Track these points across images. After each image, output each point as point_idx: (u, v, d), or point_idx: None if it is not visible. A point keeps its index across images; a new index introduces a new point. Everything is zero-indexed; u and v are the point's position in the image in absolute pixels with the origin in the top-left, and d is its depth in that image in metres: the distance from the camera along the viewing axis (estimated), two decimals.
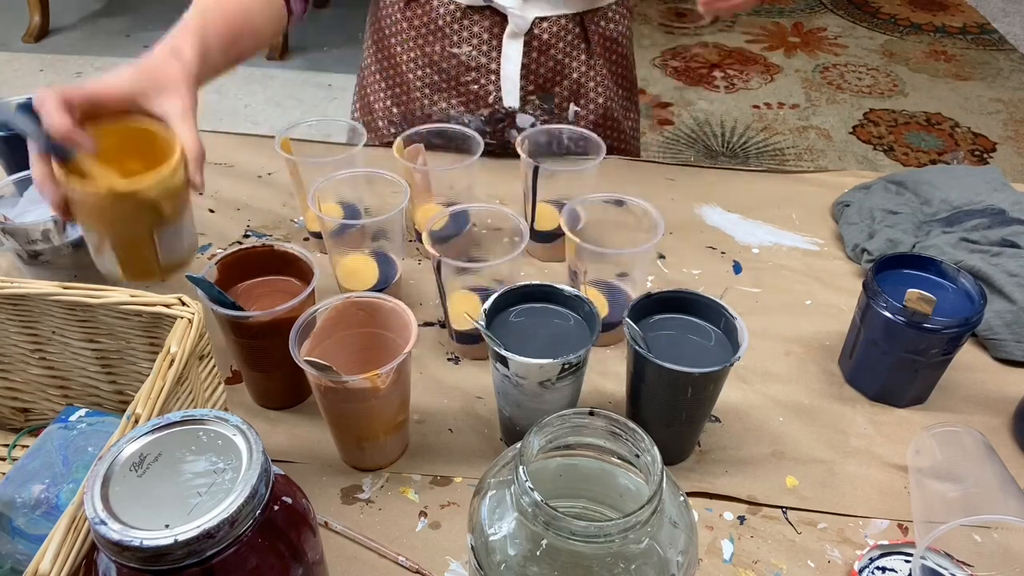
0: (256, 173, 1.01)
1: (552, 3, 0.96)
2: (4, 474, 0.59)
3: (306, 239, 0.90)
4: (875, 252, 0.85)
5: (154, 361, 0.53)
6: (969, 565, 0.57)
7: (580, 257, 0.72)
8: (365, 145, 0.84)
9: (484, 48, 0.98)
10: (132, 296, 0.55)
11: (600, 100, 1.05)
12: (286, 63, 3.07)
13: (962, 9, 3.62)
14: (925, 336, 0.66)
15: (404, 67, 1.03)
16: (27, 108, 0.60)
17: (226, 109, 2.77)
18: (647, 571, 0.41)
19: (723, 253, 0.90)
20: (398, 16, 1.01)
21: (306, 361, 0.56)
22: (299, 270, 0.69)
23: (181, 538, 0.37)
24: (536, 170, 0.79)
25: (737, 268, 0.88)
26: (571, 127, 0.87)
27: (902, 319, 0.66)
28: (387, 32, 1.03)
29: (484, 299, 0.63)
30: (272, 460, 0.42)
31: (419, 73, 1.02)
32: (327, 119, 0.88)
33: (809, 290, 0.85)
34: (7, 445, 0.65)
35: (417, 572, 0.58)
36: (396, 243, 0.77)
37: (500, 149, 1.02)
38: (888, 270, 0.72)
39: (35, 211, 0.76)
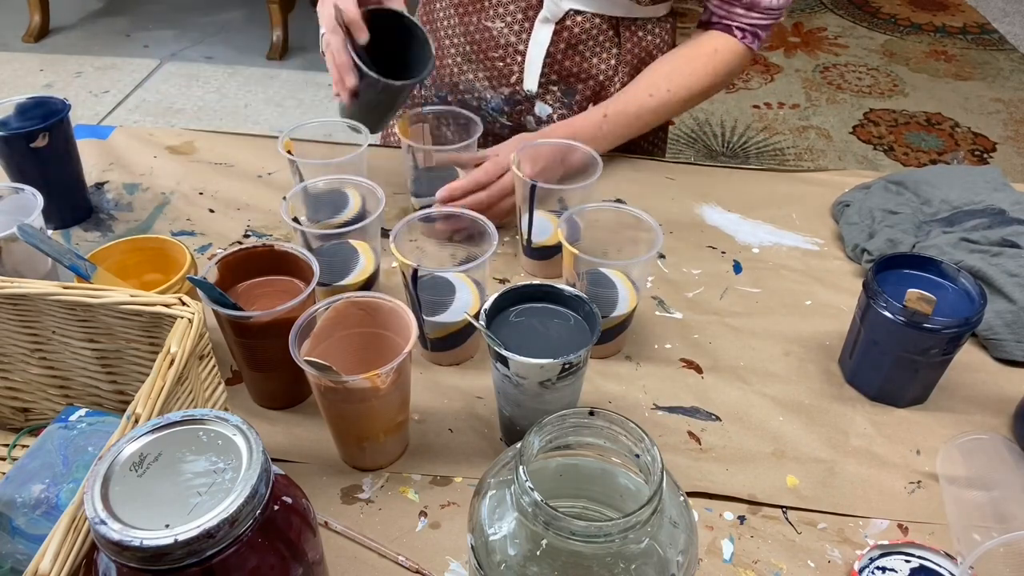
0: (256, 173, 1.01)
1: (587, 0, 0.96)
2: (4, 474, 0.59)
3: None
4: (875, 252, 0.85)
5: (154, 361, 0.53)
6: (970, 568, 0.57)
7: (578, 267, 0.71)
8: (370, 145, 0.84)
9: (516, 28, 0.98)
10: (132, 296, 0.55)
11: None
12: (286, 63, 3.08)
13: (962, 9, 3.62)
14: (925, 336, 0.66)
15: (442, 32, 1.04)
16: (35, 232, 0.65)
17: (226, 109, 2.77)
18: (647, 571, 0.41)
19: (723, 253, 0.90)
20: None
21: (306, 361, 0.56)
22: (299, 270, 0.69)
23: (181, 538, 0.37)
24: (533, 189, 0.77)
25: (737, 268, 0.88)
26: (563, 141, 0.85)
27: (902, 319, 0.66)
28: None
29: None
30: (272, 460, 0.42)
31: (455, 40, 1.03)
32: (329, 119, 0.88)
33: (809, 290, 0.85)
34: (7, 445, 0.65)
35: (417, 572, 0.58)
36: (374, 244, 0.78)
37: (513, 132, 1.00)
38: (888, 270, 0.72)
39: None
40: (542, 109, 1.02)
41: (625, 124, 0.96)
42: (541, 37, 0.98)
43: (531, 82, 1.00)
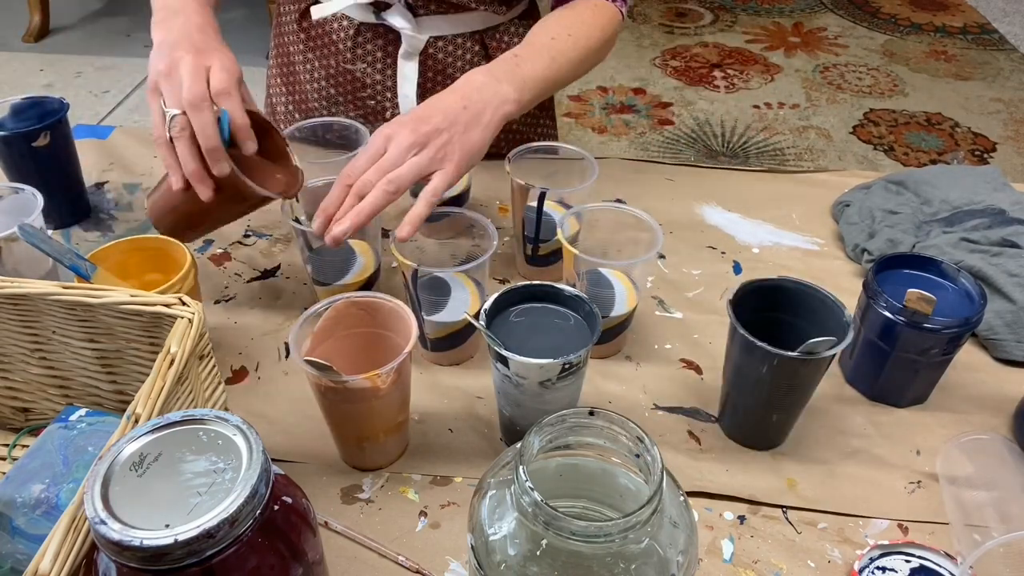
0: None
1: (449, 24, 0.93)
2: (4, 474, 0.59)
3: None
4: (875, 252, 0.85)
5: (154, 361, 0.53)
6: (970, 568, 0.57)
7: (578, 267, 0.71)
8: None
9: (379, 66, 0.95)
10: (132, 296, 0.55)
11: None
12: None
13: (962, 9, 3.62)
14: (925, 336, 0.66)
15: (302, 76, 1.01)
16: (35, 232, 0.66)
17: None
18: (647, 571, 0.41)
19: (723, 253, 0.90)
20: (294, 27, 0.99)
21: (306, 361, 0.56)
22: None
23: (181, 538, 0.37)
24: (543, 196, 0.76)
25: (737, 268, 0.88)
26: (561, 145, 0.85)
27: (902, 319, 0.66)
28: (287, 40, 1.02)
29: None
30: (272, 460, 0.42)
31: (316, 85, 1.00)
32: (329, 120, 0.88)
33: None
34: (7, 445, 0.65)
35: (417, 572, 0.58)
36: (374, 244, 0.78)
37: None
38: (888, 270, 0.72)
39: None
40: None
41: (537, 59, 0.79)
42: (408, 72, 0.94)
43: None
